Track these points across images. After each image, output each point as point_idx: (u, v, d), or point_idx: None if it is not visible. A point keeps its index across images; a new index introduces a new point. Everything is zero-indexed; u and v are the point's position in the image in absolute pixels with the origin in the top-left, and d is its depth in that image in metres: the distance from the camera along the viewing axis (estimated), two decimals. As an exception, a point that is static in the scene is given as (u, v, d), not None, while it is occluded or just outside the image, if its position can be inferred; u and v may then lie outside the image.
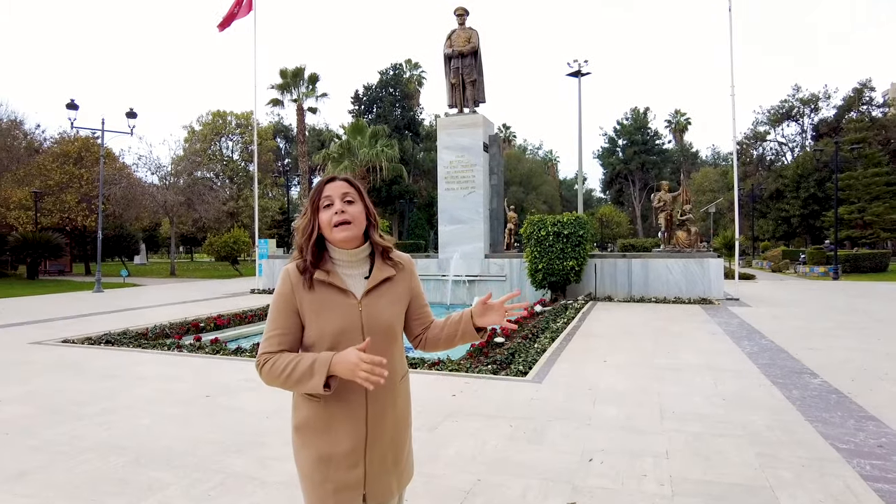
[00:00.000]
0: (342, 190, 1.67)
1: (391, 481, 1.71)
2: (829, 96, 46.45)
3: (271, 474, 3.40)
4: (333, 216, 1.63)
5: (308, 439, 1.66)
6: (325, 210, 1.65)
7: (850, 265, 25.47)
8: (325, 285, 1.64)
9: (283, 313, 1.64)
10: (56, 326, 10.12)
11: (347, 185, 1.68)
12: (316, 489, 1.64)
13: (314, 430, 1.65)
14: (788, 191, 42.57)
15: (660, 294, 13.74)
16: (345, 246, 1.67)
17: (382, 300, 1.68)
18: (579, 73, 26.82)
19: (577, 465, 3.54)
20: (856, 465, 3.52)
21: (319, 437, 1.64)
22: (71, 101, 18.08)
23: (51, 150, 30.00)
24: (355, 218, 1.65)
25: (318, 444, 1.64)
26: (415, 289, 1.79)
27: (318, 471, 1.64)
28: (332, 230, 1.64)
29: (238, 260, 34.21)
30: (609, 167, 66.58)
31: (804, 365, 6.44)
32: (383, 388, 1.64)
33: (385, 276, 1.70)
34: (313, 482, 1.64)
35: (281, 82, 37.61)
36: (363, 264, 1.72)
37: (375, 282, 1.68)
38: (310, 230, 1.66)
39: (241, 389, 5.50)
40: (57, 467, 3.54)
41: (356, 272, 1.70)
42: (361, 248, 1.70)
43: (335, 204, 1.64)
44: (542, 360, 6.75)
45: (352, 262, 1.70)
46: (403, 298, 1.75)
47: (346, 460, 1.63)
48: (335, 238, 1.65)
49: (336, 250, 1.69)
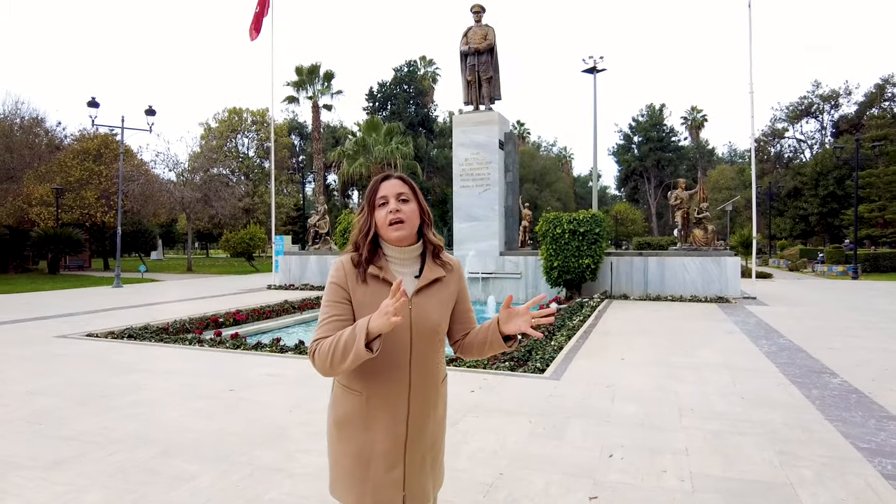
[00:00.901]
0: (397, 189, 1.70)
1: (427, 484, 1.73)
2: (850, 92, 45.76)
3: (298, 466, 3.48)
4: (388, 215, 1.66)
5: (348, 434, 1.68)
6: (380, 208, 1.69)
7: (870, 264, 25.12)
8: (378, 280, 1.67)
9: (339, 302, 1.67)
10: (79, 320, 10.33)
11: (402, 184, 1.71)
12: (356, 487, 1.66)
13: (354, 426, 1.67)
14: (807, 189, 42.01)
15: (676, 292, 13.68)
16: (398, 244, 1.70)
17: (432, 300, 1.70)
18: (594, 70, 26.71)
19: (597, 461, 3.58)
20: (877, 464, 3.52)
21: (360, 433, 1.66)
22: (92, 98, 18.36)
23: (71, 147, 30.47)
24: (409, 217, 1.68)
25: (359, 440, 1.66)
26: (462, 292, 1.81)
27: (358, 468, 1.65)
28: (388, 229, 1.67)
29: (254, 256, 34.58)
30: (624, 164, 66.17)
31: (823, 364, 6.41)
32: (426, 390, 1.69)
33: (436, 276, 1.72)
34: (353, 479, 1.66)
35: (296, 79, 37.89)
36: (414, 263, 1.74)
37: (426, 281, 1.70)
38: (367, 228, 1.70)
39: (263, 384, 5.60)
40: (89, 457, 3.65)
41: (407, 270, 1.73)
42: (414, 246, 1.73)
43: (390, 203, 1.68)
44: (559, 357, 6.78)
45: (404, 259, 1.73)
46: (451, 300, 1.76)
47: (386, 459, 1.64)
48: (390, 236, 1.68)
49: (389, 248, 1.72)
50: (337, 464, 1.71)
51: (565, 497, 3.08)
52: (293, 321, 10.87)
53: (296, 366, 6.33)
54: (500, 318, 1.70)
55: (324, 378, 1.69)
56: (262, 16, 17.19)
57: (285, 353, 7.18)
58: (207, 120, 43.19)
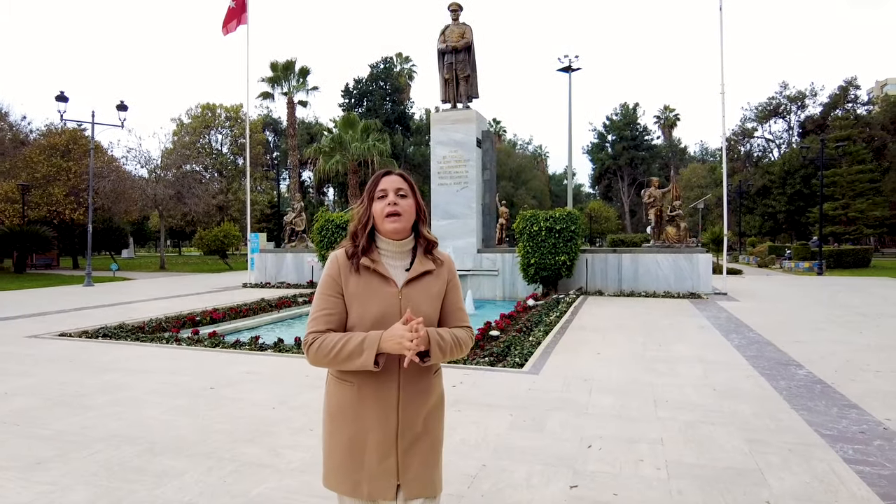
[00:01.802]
0: (396, 184, 1.77)
1: (424, 475, 1.75)
2: (815, 94, 47.08)
3: (284, 462, 3.52)
4: (386, 207, 1.73)
5: (341, 425, 1.74)
6: (379, 201, 1.76)
7: (834, 261, 25.94)
8: (369, 272, 1.73)
9: (332, 295, 1.74)
10: (51, 320, 10.12)
11: (402, 181, 1.78)
12: (350, 477, 1.71)
13: (346, 417, 1.73)
14: (775, 187, 43.12)
15: (649, 288, 13.97)
16: (393, 237, 1.77)
17: (421, 292, 1.76)
18: (570, 69, 27.00)
19: (576, 452, 3.69)
20: (839, 449, 3.71)
21: (352, 423, 1.72)
22: (61, 93, 17.91)
23: (37, 142, 29.62)
24: (406, 211, 1.75)
25: (351, 430, 1.71)
26: (452, 287, 1.85)
27: (351, 458, 1.71)
28: (384, 220, 1.74)
29: (228, 254, 34.12)
30: (598, 162, 66.96)
31: (790, 357, 6.66)
32: (416, 377, 1.74)
33: (425, 269, 1.78)
34: (347, 469, 1.72)
35: (271, 75, 37.47)
36: (406, 257, 1.81)
37: (416, 273, 1.76)
38: (365, 219, 1.77)
39: (243, 381, 5.60)
40: (71, 456, 3.63)
41: (399, 263, 1.79)
42: (407, 240, 1.80)
43: (389, 196, 1.75)
44: (537, 352, 6.91)
45: (396, 253, 1.79)
46: (440, 294, 1.82)
47: (378, 449, 1.69)
48: (386, 228, 1.75)
49: (383, 240, 1.78)
50: (330, 456, 1.76)
51: (547, 486, 3.18)
52: (270, 319, 10.82)
53: (275, 363, 6.32)
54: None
55: (304, 376, 1.77)
56: (237, 11, 16.96)
57: (264, 350, 7.16)
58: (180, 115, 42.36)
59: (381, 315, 1.70)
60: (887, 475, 3.31)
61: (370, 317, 1.70)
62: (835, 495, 3.06)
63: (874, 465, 3.44)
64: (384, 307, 1.71)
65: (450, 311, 1.84)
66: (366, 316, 1.71)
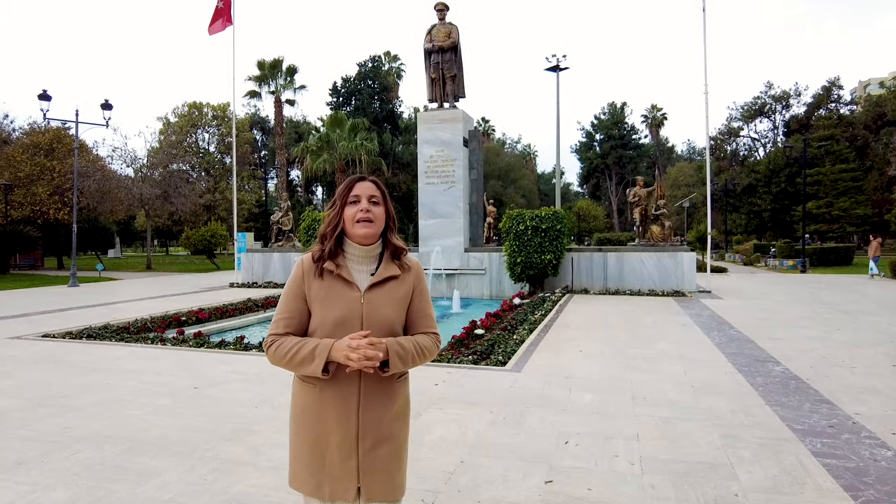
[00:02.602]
0: (370, 191, 1.78)
1: (386, 480, 1.76)
2: (799, 94, 47.60)
3: (264, 460, 3.56)
4: (358, 213, 1.75)
5: (305, 426, 1.77)
6: (351, 206, 1.77)
7: (818, 258, 26.28)
8: (333, 276, 1.75)
9: (292, 299, 1.77)
10: (34, 321, 10.06)
11: (375, 188, 1.80)
12: (313, 477, 1.74)
13: (309, 418, 1.76)
14: (760, 186, 43.58)
15: (634, 287, 14.12)
16: (362, 242, 1.78)
17: (385, 297, 1.77)
18: (557, 68, 27.16)
19: (553, 448, 3.77)
20: (808, 443, 3.81)
21: (315, 424, 1.74)
22: (43, 91, 17.73)
23: (20, 141, 29.26)
24: (377, 218, 1.77)
25: (314, 431, 1.74)
26: (419, 292, 1.85)
27: (315, 458, 1.74)
28: (355, 225, 1.75)
29: (215, 253, 33.94)
30: (586, 161, 67.31)
31: (768, 354, 6.79)
32: (377, 382, 1.74)
33: (390, 274, 1.79)
34: (311, 470, 1.75)
35: (258, 74, 37.32)
36: (373, 262, 1.82)
37: (380, 278, 1.78)
38: (335, 222, 1.79)
39: (228, 381, 5.62)
40: (53, 456, 3.65)
41: (364, 268, 1.80)
42: (374, 245, 1.81)
43: (361, 202, 1.76)
44: (520, 350, 6.99)
45: (362, 258, 1.80)
46: (405, 299, 1.82)
47: (340, 450, 1.72)
48: (356, 233, 1.76)
49: (350, 245, 1.80)
50: (296, 457, 1.80)
51: (523, 482, 3.25)
52: (256, 319, 10.81)
53: (260, 363, 6.35)
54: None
55: (287, 375, 1.81)
56: (224, 11, 16.87)
57: (249, 350, 7.18)
58: (166, 114, 42.09)
59: (342, 319, 1.72)
60: (852, 468, 3.41)
61: (331, 320, 1.72)
62: (801, 487, 3.16)
63: (841, 458, 3.55)
64: (345, 311, 1.72)
65: (416, 317, 1.84)
66: (327, 319, 1.72)
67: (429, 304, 1.89)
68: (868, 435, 3.97)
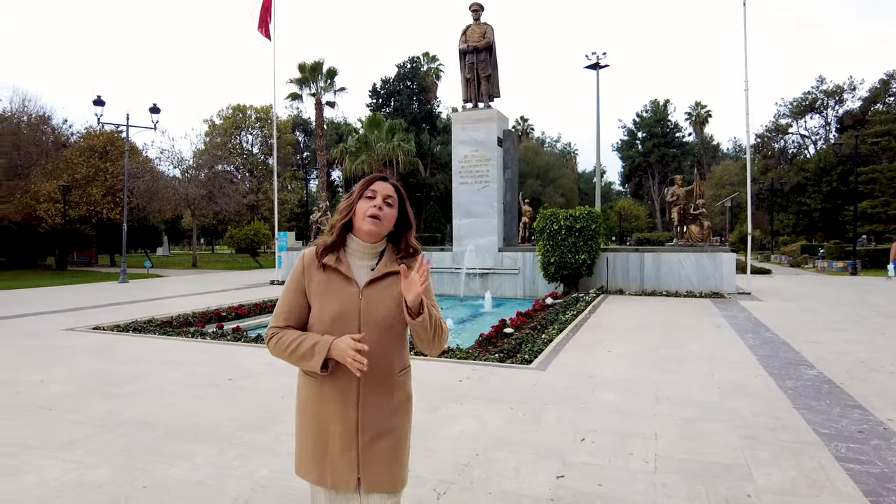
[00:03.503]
0: (387, 192, 1.81)
1: (386, 472, 1.79)
2: (854, 88, 45.54)
3: (284, 447, 3.73)
4: (370, 208, 1.77)
5: (308, 417, 1.82)
6: (365, 200, 1.79)
7: (870, 260, 25.17)
8: (332, 270, 1.78)
9: (292, 293, 1.82)
10: (86, 314, 10.64)
11: (393, 190, 1.83)
12: (317, 466, 1.79)
13: (312, 410, 1.81)
14: (810, 185, 41.93)
15: (672, 288, 13.86)
16: (366, 239, 1.80)
17: (383, 293, 1.78)
18: (597, 66, 26.88)
19: (569, 444, 3.81)
20: (833, 448, 3.74)
21: (317, 416, 1.79)
22: (98, 97, 18.67)
23: (77, 144, 30.81)
24: (386, 219, 1.79)
25: (317, 422, 1.79)
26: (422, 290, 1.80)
27: (318, 448, 1.78)
28: (364, 220, 1.76)
29: (258, 252, 34.93)
30: (628, 160, 66.18)
31: (803, 357, 6.61)
32: (376, 377, 1.77)
33: (389, 270, 1.80)
34: (314, 459, 1.79)
35: (299, 76, 38.16)
36: (373, 258, 1.84)
37: (379, 274, 1.79)
38: (347, 213, 1.81)
39: (261, 374, 5.87)
40: (97, 438, 3.92)
41: (365, 263, 1.82)
42: (378, 243, 1.83)
43: (376, 199, 1.78)
44: (547, 349, 7.01)
45: (364, 253, 1.82)
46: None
47: (340, 441, 1.75)
48: (362, 228, 1.78)
49: (354, 239, 1.82)
50: (301, 446, 1.85)
51: (534, 476, 3.32)
52: (294, 315, 11.11)
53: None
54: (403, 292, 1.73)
55: None
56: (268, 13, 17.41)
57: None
58: (212, 117, 43.43)
59: (340, 314, 1.74)
60: (877, 473, 3.34)
61: (329, 315, 1.75)
62: (819, 491, 3.12)
63: (865, 464, 3.48)
64: (343, 306, 1.75)
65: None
66: (325, 314, 1.76)
67: (433, 301, 1.85)
68: (898, 441, 3.86)
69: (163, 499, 3.04)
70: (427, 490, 3.07)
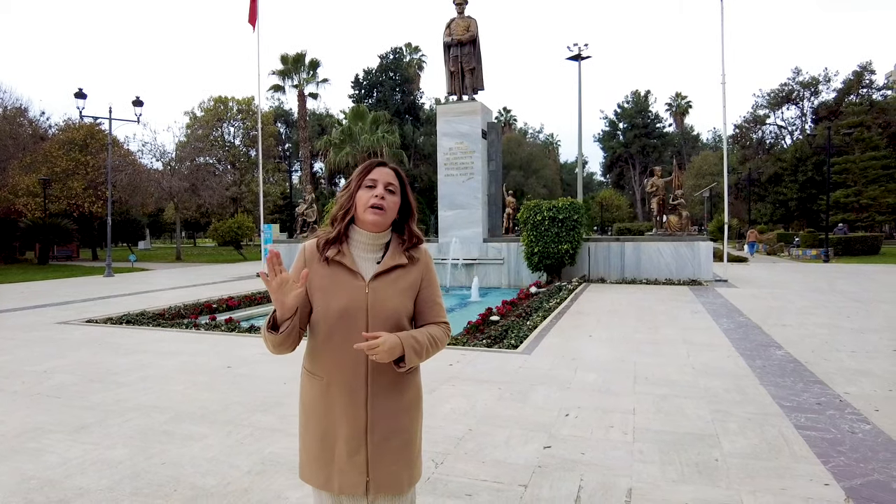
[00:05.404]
0: (388, 178, 1.71)
1: (396, 472, 1.71)
2: (829, 80, 46.52)
3: (293, 427, 3.98)
4: (372, 198, 1.67)
5: (314, 420, 1.72)
6: (366, 190, 1.69)
7: (843, 248, 25.96)
8: (336, 264, 1.69)
9: None
10: (77, 308, 10.73)
11: (394, 176, 1.73)
12: (322, 470, 1.70)
13: (318, 412, 1.71)
14: (787, 174, 42.89)
15: (651, 276, 14.31)
16: (371, 229, 1.71)
17: (391, 287, 1.70)
18: (579, 57, 27.16)
19: (554, 419, 4.13)
20: (794, 418, 4.10)
21: (323, 418, 1.70)
22: (79, 90, 18.52)
23: (56, 137, 30.41)
24: (390, 207, 1.70)
25: (322, 424, 1.70)
26: (427, 281, 1.78)
27: (323, 452, 1.70)
28: (367, 211, 1.67)
29: (242, 245, 34.85)
30: (610, 151, 66.88)
31: (773, 339, 7.02)
32: (387, 376, 1.69)
33: (396, 263, 1.72)
34: (320, 463, 1.70)
35: (282, 68, 37.94)
36: (379, 250, 1.75)
37: (385, 267, 1.70)
38: (348, 205, 1.72)
39: (258, 361, 6.10)
40: (110, 422, 4.14)
41: (370, 255, 1.73)
42: (382, 234, 1.74)
43: (377, 188, 1.69)
44: (532, 335, 7.33)
45: (369, 245, 1.73)
46: (413, 288, 1.75)
47: (348, 444, 1.66)
48: (366, 219, 1.69)
49: (357, 231, 1.73)
50: (305, 449, 1.76)
51: (523, 447, 3.62)
52: (284, 307, 11.31)
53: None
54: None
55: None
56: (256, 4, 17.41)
57: (278, 335, 7.64)
58: (193, 109, 43.10)
59: (346, 308, 1.66)
60: (829, 438, 3.70)
61: (335, 310, 1.66)
62: (777, 454, 3.46)
63: (820, 431, 3.84)
64: (349, 301, 1.66)
65: (425, 307, 1.78)
66: (330, 310, 1.66)
67: (438, 294, 1.82)
68: (852, 411, 4.24)
69: (181, 472, 3.28)
70: (426, 461, 3.34)
